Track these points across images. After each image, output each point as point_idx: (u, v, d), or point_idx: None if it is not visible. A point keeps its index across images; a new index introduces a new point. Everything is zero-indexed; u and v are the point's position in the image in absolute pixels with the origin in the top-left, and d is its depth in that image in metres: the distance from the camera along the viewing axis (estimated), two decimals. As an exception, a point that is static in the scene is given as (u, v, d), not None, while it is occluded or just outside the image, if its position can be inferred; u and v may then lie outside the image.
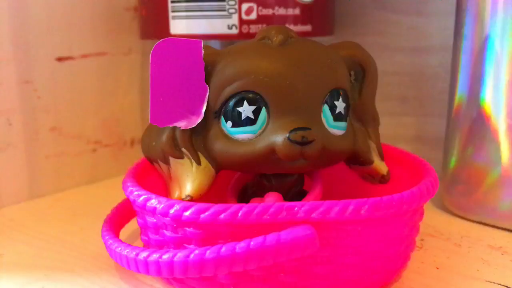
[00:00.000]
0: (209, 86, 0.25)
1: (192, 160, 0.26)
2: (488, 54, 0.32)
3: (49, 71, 0.40)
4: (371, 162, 0.28)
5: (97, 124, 0.43)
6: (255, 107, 0.25)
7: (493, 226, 0.34)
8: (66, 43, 0.40)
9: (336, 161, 0.27)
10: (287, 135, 0.24)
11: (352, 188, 0.31)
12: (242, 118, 0.25)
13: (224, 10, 0.35)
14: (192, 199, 0.25)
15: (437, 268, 0.29)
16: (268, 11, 0.36)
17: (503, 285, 0.27)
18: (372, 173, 0.28)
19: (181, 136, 0.25)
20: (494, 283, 0.27)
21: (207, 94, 0.25)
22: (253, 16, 0.35)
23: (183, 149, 0.26)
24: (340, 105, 0.26)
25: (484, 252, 0.31)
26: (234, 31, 0.35)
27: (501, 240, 0.32)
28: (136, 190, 0.25)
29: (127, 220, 0.31)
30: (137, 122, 0.46)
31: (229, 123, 0.25)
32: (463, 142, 0.35)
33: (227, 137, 0.25)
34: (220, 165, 0.26)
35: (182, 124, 0.25)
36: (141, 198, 0.25)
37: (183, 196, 0.25)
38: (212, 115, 0.25)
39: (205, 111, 0.25)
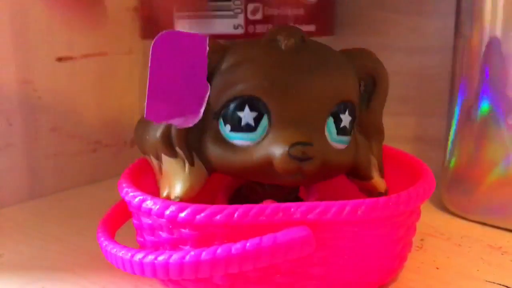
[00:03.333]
0: (211, 85, 0.24)
1: (186, 161, 0.25)
2: (488, 54, 0.32)
3: (49, 71, 0.39)
4: (371, 178, 0.27)
5: (97, 124, 0.43)
6: (256, 113, 0.24)
7: (493, 226, 0.34)
8: (66, 43, 0.40)
9: (335, 175, 0.26)
10: (287, 149, 0.23)
11: (349, 188, 0.30)
12: (242, 123, 0.24)
13: (230, 10, 0.35)
14: (182, 201, 0.24)
15: (437, 268, 0.29)
16: (273, 11, 0.36)
17: (503, 285, 0.27)
18: (370, 188, 0.27)
19: (177, 134, 0.24)
20: (494, 283, 0.27)
21: (208, 93, 0.24)
22: (259, 16, 0.35)
23: (177, 148, 0.25)
24: (345, 119, 0.25)
25: (484, 252, 0.31)
26: (240, 31, 0.35)
27: (501, 240, 0.32)
28: (131, 191, 0.25)
29: (123, 221, 0.31)
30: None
31: (228, 126, 0.24)
32: (463, 142, 0.35)
33: (224, 140, 0.24)
34: (213, 168, 0.25)
35: (178, 122, 0.24)
36: (136, 199, 0.24)
37: (172, 197, 0.24)
38: (211, 116, 0.24)
39: (204, 110, 0.24)
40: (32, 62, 0.38)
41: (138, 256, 0.23)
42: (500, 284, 0.27)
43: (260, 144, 0.24)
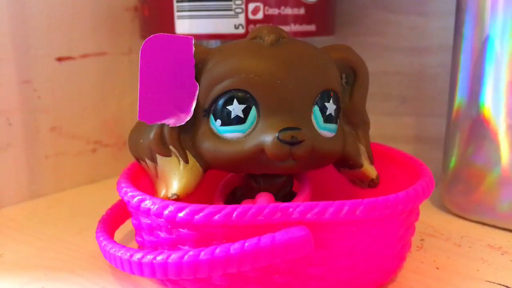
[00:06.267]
0: (199, 84, 0.25)
1: (180, 159, 0.25)
2: (488, 54, 0.32)
3: (49, 71, 0.40)
4: (361, 165, 0.28)
5: (97, 124, 0.43)
6: (245, 106, 0.25)
7: (493, 226, 0.34)
8: (66, 43, 0.40)
9: (326, 163, 0.27)
10: (277, 134, 0.24)
11: (346, 188, 0.30)
12: (232, 116, 0.25)
13: (231, 10, 0.35)
14: (179, 198, 0.25)
15: (437, 268, 0.29)
16: (274, 11, 0.36)
17: (503, 285, 0.27)
18: (361, 177, 0.28)
19: (169, 133, 0.25)
20: (494, 283, 0.27)
21: (197, 92, 0.25)
22: (260, 15, 0.35)
23: (171, 147, 0.26)
24: (330, 107, 0.26)
25: (484, 252, 0.31)
26: (241, 30, 0.35)
27: (501, 240, 0.32)
28: (130, 191, 0.25)
29: (122, 221, 0.31)
30: (137, 122, 0.46)
31: (218, 121, 0.25)
32: (463, 142, 0.35)
33: (216, 135, 0.25)
34: (208, 164, 0.26)
35: (170, 122, 0.25)
36: (135, 199, 0.24)
37: (169, 195, 0.25)
38: (202, 114, 0.25)
39: (195, 109, 0.25)
40: (32, 62, 0.38)
41: (137, 256, 0.23)
42: (500, 284, 0.27)
43: (251, 134, 0.25)
